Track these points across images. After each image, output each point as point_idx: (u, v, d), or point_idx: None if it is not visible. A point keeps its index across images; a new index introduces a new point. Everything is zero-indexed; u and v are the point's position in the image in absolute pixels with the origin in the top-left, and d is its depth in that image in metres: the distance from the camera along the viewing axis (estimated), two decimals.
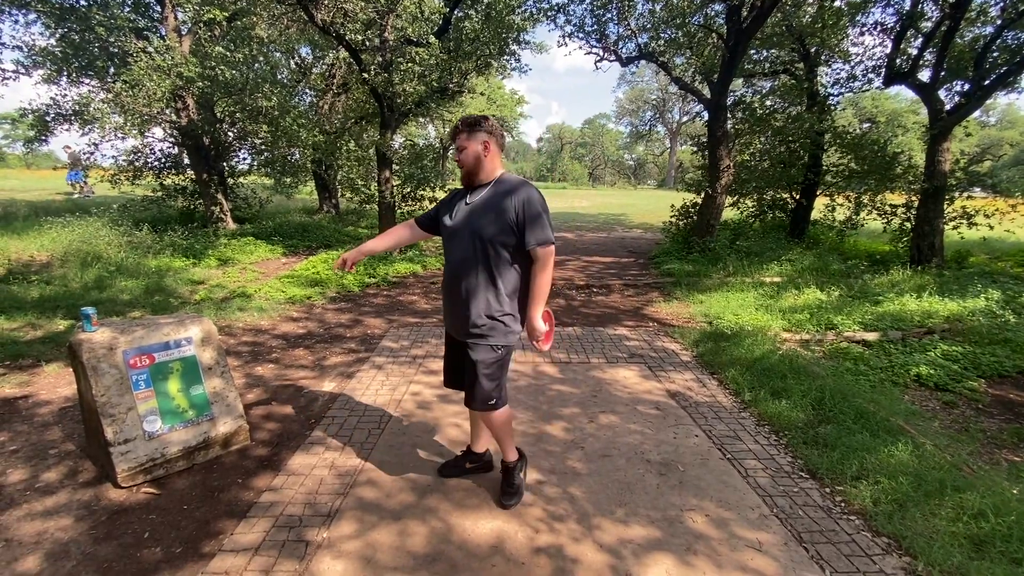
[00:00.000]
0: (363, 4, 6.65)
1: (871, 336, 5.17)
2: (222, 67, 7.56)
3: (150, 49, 8.02)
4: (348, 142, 11.08)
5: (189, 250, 8.15)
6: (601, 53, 9.81)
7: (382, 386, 3.77)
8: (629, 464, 2.77)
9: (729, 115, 8.85)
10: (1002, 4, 7.91)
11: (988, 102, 8.48)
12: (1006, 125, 44.00)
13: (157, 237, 8.43)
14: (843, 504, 2.42)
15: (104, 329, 2.67)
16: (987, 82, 7.82)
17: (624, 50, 9.45)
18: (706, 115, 8.84)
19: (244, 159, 11.48)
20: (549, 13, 9.65)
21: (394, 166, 8.68)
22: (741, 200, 10.63)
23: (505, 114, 35.48)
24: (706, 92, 8.94)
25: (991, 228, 8.33)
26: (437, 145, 34.36)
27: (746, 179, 9.91)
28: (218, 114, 9.70)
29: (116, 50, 8.77)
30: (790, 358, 4.10)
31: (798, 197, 10.59)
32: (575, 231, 13.81)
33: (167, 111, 8.97)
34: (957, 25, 7.53)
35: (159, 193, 10.71)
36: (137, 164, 10.49)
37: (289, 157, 10.83)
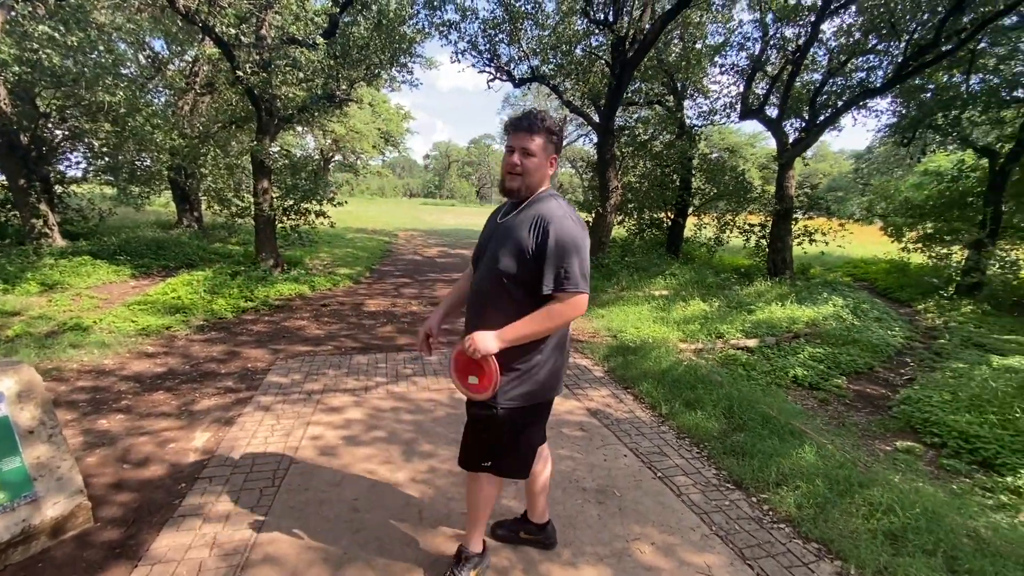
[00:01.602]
0: None
1: (752, 343, 5.67)
2: (48, 50, 6.21)
3: None
4: (214, 148, 9.80)
5: None
6: (493, 73, 9.90)
7: (272, 432, 3.20)
8: (566, 495, 2.60)
9: (615, 139, 9.39)
10: (828, 55, 9.44)
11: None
12: (819, 158, 53.18)
13: None
14: (771, 513, 2.48)
15: None
16: (820, 120, 9.26)
17: (517, 71, 9.61)
18: (586, 140, 9.35)
19: (78, 163, 9.60)
20: (441, 28, 9.53)
21: (274, 176, 7.82)
22: (626, 219, 11.33)
23: (391, 128, 34.64)
24: (595, 116, 9.40)
25: (826, 244, 9.80)
26: (317, 156, 32.43)
27: (630, 200, 10.58)
28: (42, 108, 8.00)
29: None
30: (694, 368, 4.29)
31: (672, 217, 11.58)
32: (472, 248, 13.68)
33: None
34: (798, 70, 8.82)
35: None
36: None
37: (139, 163, 9.28)
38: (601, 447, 3.10)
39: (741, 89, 10.75)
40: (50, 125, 8.44)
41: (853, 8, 9.06)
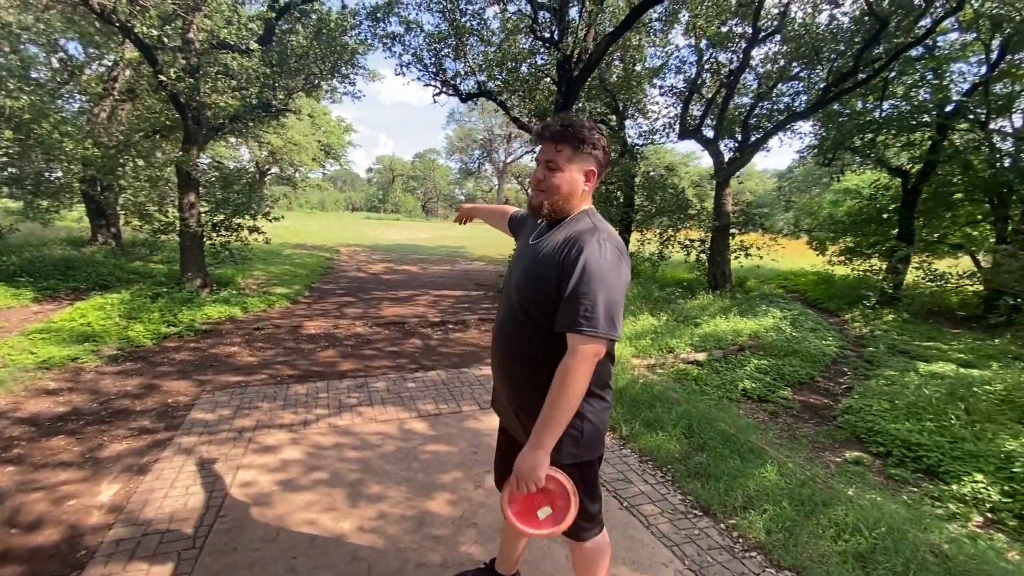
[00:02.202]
0: None
1: (701, 356, 5.76)
2: None
3: None
4: (135, 159, 9.00)
5: None
6: (439, 87, 9.75)
7: (195, 479, 2.81)
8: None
9: None
10: (757, 81, 10.02)
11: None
12: (747, 177, 56.84)
13: None
14: (742, 540, 2.41)
15: None
16: (752, 141, 9.76)
17: (464, 86, 9.52)
18: (532, 156, 9.35)
19: None
20: (385, 40, 9.30)
21: (202, 189, 7.24)
22: None
23: (332, 141, 33.67)
24: None
25: (761, 258, 10.28)
26: (252, 169, 30.92)
27: None
28: None
29: None
30: (650, 386, 4.25)
31: (617, 233, 11.82)
32: (419, 264, 13.34)
33: None
34: (732, 94, 9.27)
35: None
36: None
37: (48, 174, 8.36)
38: None
39: (679, 110, 11.22)
40: None
41: (779, 37, 9.69)
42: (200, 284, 7.11)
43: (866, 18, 7.76)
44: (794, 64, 9.89)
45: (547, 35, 8.29)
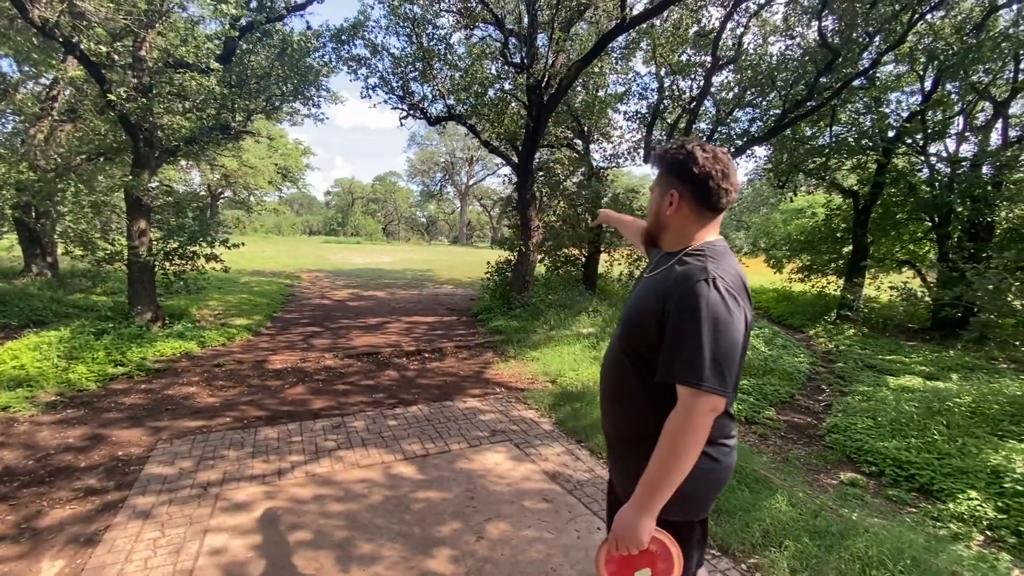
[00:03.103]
0: (111, 6, 5.04)
1: None
2: None
3: None
4: (76, 183, 8.35)
5: None
6: (407, 110, 9.62)
7: (155, 549, 2.46)
8: None
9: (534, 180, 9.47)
10: (716, 107, 10.41)
11: None
12: None
13: None
14: None
15: None
16: None
17: (432, 109, 9.42)
18: (498, 180, 9.36)
19: None
20: (350, 63, 9.14)
21: (154, 215, 6.75)
22: (545, 257, 11.42)
23: (289, 163, 32.88)
24: (513, 157, 9.43)
25: None
26: (204, 192, 29.68)
27: (554, 238, 10.72)
28: None
29: None
30: None
31: (587, 254, 11.89)
32: (386, 289, 12.96)
33: None
34: (695, 119, 9.57)
35: None
36: None
37: None
38: (571, 520, 2.76)
39: (643, 135, 11.51)
40: None
41: (733, 66, 10.14)
42: (151, 318, 6.57)
43: (819, 49, 8.22)
44: (749, 92, 10.37)
45: (517, 60, 8.35)
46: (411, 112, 9.64)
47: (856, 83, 9.10)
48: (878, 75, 9.75)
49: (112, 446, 3.64)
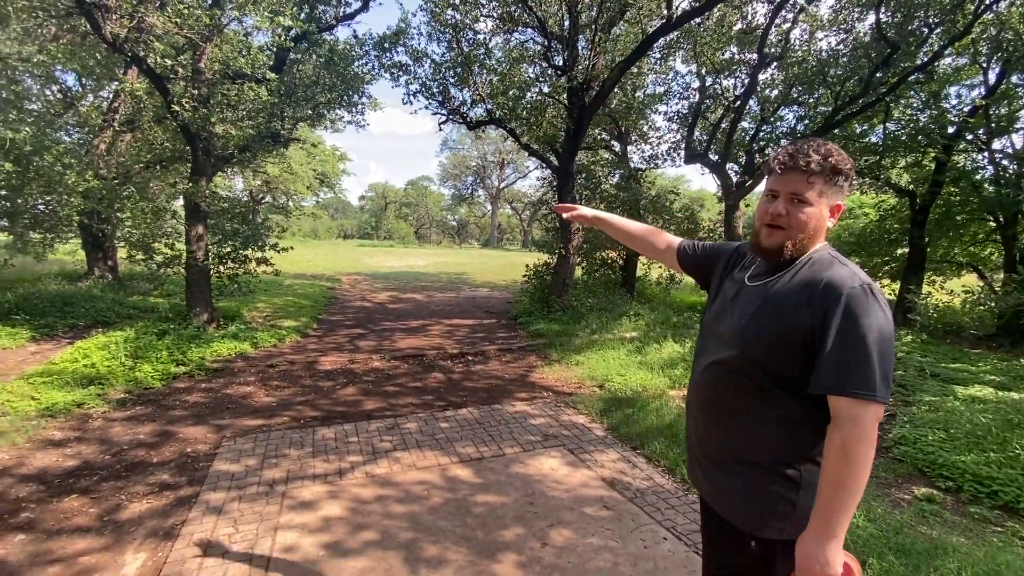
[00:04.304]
0: (175, 23, 5.30)
1: None
2: None
3: None
4: (138, 191, 8.79)
5: None
6: (446, 115, 9.73)
7: (231, 544, 2.54)
8: None
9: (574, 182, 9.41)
10: (761, 105, 10.13)
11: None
12: (751, 199, 58.00)
13: None
14: None
15: None
16: (758, 164, 9.79)
17: (472, 113, 9.50)
18: (524, 182, 9.36)
19: None
20: (392, 70, 9.31)
21: (210, 220, 7.03)
22: (583, 260, 11.34)
23: (327, 169, 33.80)
24: (552, 160, 9.41)
25: None
26: (246, 198, 30.83)
27: (591, 240, 10.65)
28: None
29: None
30: None
31: (625, 257, 11.74)
32: (423, 292, 13.11)
33: None
34: (740, 118, 9.34)
35: None
36: None
37: (44, 207, 8.12)
38: (635, 529, 2.70)
39: (682, 135, 11.31)
40: None
41: (777, 64, 9.85)
42: (207, 319, 6.84)
43: (874, 43, 7.89)
44: (795, 89, 10.05)
45: (559, 61, 8.33)
46: (451, 116, 9.74)
47: (912, 77, 8.69)
48: (937, 68, 9.29)
49: (180, 442, 3.78)
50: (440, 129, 10.21)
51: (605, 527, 2.72)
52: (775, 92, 10.60)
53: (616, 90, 11.40)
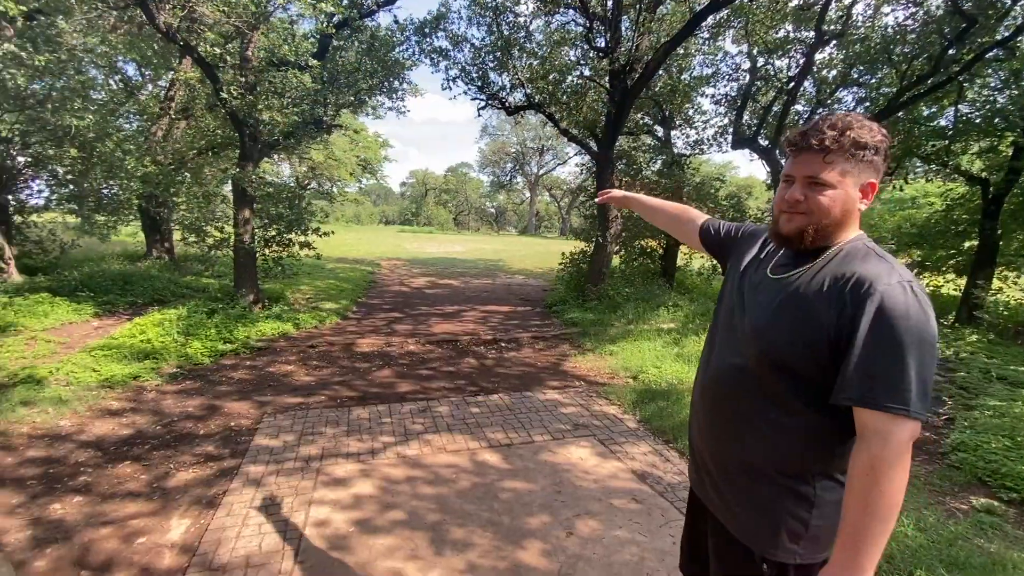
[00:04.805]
0: (223, 12, 5.47)
1: None
2: (11, 71, 5.64)
3: None
4: (191, 175, 9.21)
5: None
6: (485, 100, 9.67)
7: (267, 516, 2.64)
8: None
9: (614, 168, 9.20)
10: (817, 87, 9.56)
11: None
12: None
13: None
14: None
15: None
16: None
17: (511, 98, 9.40)
18: (564, 169, 9.17)
19: (39, 192, 8.86)
20: (432, 55, 9.31)
21: (256, 205, 7.28)
22: (622, 249, 11.12)
23: (369, 156, 34.40)
24: (592, 145, 9.22)
25: None
26: (293, 184, 31.84)
27: (630, 228, 10.42)
28: (3, 133, 7.34)
29: None
30: None
31: (666, 245, 11.43)
32: (460, 278, 13.23)
33: None
34: (793, 100, 8.84)
35: None
36: None
37: (107, 191, 8.61)
38: (664, 525, 2.64)
39: (730, 119, 10.83)
40: (12, 150, 7.75)
41: (836, 41, 9.23)
42: (253, 300, 7.12)
43: (948, 17, 7.26)
44: (854, 69, 9.41)
45: (601, 43, 8.10)
46: (489, 102, 9.68)
47: (990, 54, 7.96)
48: (1020, 43, 8.48)
49: (225, 416, 3.97)
50: (479, 115, 10.25)
51: (633, 520, 2.67)
52: (833, 73, 9.96)
53: (660, 72, 11.01)
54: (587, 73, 9.43)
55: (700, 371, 1.33)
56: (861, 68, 9.22)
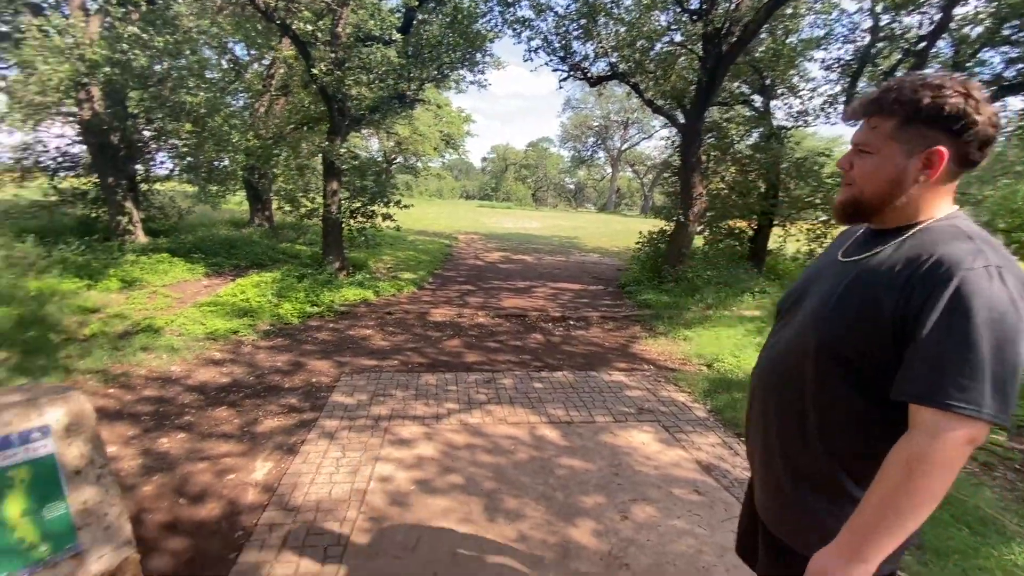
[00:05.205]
0: None
1: None
2: (136, 51, 6.31)
3: (47, 27, 6.61)
4: (287, 149, 9.88)
5: (84, 268, 6.67)
6: (567, 71, 9.38)
7: (337, 467, 2.83)
8: None
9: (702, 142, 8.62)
10: (954, 48, 8.27)
11: None
12: None
13: (44, 251, 6.88)
14: None
15: None
16: None
17: (594, 68, 9.05)
18: (648, 144, 8.65)
19: (161, 163, 9.95)
20: (515, 25, 9.14)
21: (343, 177, 7.68)
22: (705, 229, 10.49)
23: (452, 131, 34.97)
24: (679, 117, 8.69)
25: None
26: (380, 158, 33.25)
27: (717, 207, 9.80)
28: (131, 109, 8.29)
29: (6, 28, 7.26)
30: None
31: (757, 226, 10.62)
32: (534, 254, 13.22)
33: (66, 102, 7.48)
34: (924, 63, 7.73)
35: (54, 198, 8.97)
36: (26, 163, 8.74)
37: (217, 163, 9.47)
38: (727, 520, 2.50)
39: (843, 87, 9.70)
40: (138, 125, 8.72)
41: None
42: (338, 267, 7.58)
43: None
44: (1005, 24, 7.97)
45: (693, 6, 7.52)
46: (572, 73, 9.37)
47: None
48: None
49: (308, 373, 4.29)
50: (560, 87, 10.02)
51: (693, 512, 2.56)
52: (978, 30, 8.53)
53: (762, 35, 10.04)
54: (678, 39, 8.82)
55: (760, 359, 1.24)
56: (1015, 23, 7.80)
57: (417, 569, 2.09)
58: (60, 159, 9.13)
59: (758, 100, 10.58)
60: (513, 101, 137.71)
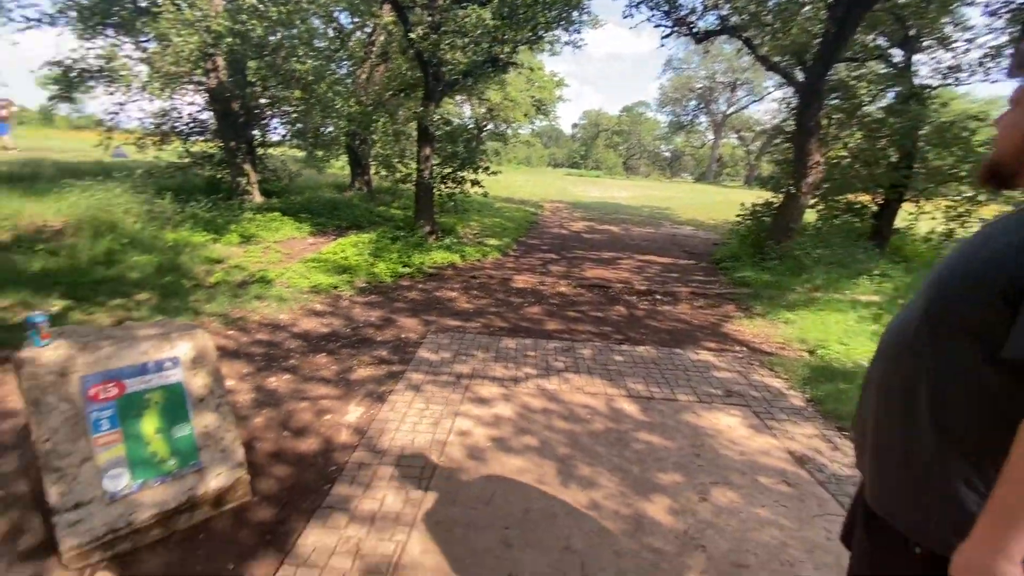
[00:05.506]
0: None
1: None
2: (254, 22, 6.79)
3: (179, 1, 7.32)
4: (385, 115, 10.27)
5: (211, 224, 7.52)
6: (671, 27, 8.72)
7: (421, 418, 2.99)
8: None
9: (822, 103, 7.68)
10: None
11: None
12: None
13: (179, 207, 7.83)
14: None
15: (59, 344, 1.92)
16: None
17: (702, 22, 8.34)
18: (758, 106, 7.77)
19: (275, 128, 10.80)
20: None
21: (436, 143, 7.85)
22: (823, 202, 9.47)
23: (544, 96, 34.29)
24: (797, 75, 7.80)
25: None
26: (472, 125, 33.56)
27: (836, 178, 8.78)
28: (249, 77, 9.03)
29: (144, 2, 8.14)
30: None
31: (882, 202, 9.39)
32: (621, 224, 12.81)
33: (196, 71, 8.32)
34: None
35: (187, 160, 10.13)
36: (164, 128, 9.91)
37: (322, 129, 10.09)
38: (819, 516, 2.31)
39: (1011, 36, 8.10)
40: (256, 92, 9.48)
41: None
42: (428, 231, 7.86)
43: None
44: None
45: None
46: (675, 28, 8.70)
47: None
48: None
49: (398, 329, 4.54)
50: (662, 44, 9.34)
51: (780, 503, 2.39)
52: None
53: None
54: None
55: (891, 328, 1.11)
56: None
57: (491, 521, 2.16)
58: (192, 124, 10.23)
59: (897, 55, 9.18)
60: (608, 63, 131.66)
